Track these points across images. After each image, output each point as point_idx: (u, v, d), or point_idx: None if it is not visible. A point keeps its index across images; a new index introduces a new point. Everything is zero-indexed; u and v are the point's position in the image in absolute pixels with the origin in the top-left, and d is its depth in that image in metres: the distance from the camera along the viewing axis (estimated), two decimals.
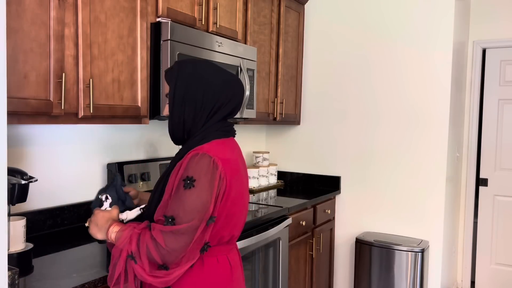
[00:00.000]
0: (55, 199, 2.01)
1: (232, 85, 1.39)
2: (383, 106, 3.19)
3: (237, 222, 1.39)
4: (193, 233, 1.21)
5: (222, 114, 1.37)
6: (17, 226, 1.59)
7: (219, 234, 1.33)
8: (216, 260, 1.35)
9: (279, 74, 3.12)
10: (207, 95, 1.34)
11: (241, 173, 1.40)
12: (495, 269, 3.76)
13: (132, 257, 1.21)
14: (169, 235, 1.20)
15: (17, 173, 1.54)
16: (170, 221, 1.22)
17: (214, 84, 1.35)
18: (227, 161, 1.31)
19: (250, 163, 3.46)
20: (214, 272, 1.34)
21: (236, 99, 1.40)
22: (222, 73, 1.40)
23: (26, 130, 1.88)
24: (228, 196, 1.31)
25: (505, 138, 3.70)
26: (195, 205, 1.22)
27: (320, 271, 3.18)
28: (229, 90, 1.37)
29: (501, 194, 3.72)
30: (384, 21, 3.17)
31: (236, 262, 1.43)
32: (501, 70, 3.71)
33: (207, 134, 1.34)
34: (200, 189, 1.23)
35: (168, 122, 1.39)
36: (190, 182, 1.23)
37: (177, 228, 1.20)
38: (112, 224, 1.33)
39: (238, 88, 1.41)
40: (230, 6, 2.52)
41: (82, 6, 1.67)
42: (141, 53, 1.95)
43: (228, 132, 1.42)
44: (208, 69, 1.38)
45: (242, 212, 1.41)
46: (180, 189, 1.24)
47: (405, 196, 3.14)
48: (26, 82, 1.50)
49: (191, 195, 1.22)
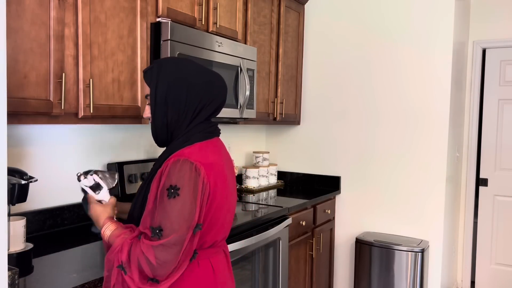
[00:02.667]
0: (55, 199, 2.01)
1: (215, 84, 1.36)
2: (383, 106, 3.19)
3: (220, 227, 1.36)
4: (182, 243, 1.19)
5: (206, 114, 1.34)
6: (17, 226, 1.59)
7: (202, 239, 1.30)
8: (197, 264, 1.31)
9: (279, 74, 3.12)
10: (190, 96, 1.30)
11: (226, 175, 1.35)
12: (495, 269, 3.76)
13: (122, 268, 1.20)
14: (159, 249, 1.17)
15: (17, 173, 1.54)
16: (158, 232, 1.19)
17: (197, 84, 1.31)
18: (210, 165, 1.27)
19: (250, 163, 3.46)
20: (195, 277, 1.30)
21: (219, 98, 1.37)
22: (204, 72, 1.36)
23: (26, 130, 1.88)
24: (212, 201, 1.28)
25: (505, 138, 3.70)
26: (181, 214, 1.19)
27: (320, 271, 3.18)
28: (212, 89, 1.34)
29: (501, 194, 3.72)
30: (384, 21, 3.17)
31: (220, 265, 1.39)
32: (501, 70, 3.71)
33: (190, 136, 1.31)
34: (184, 198, 1.20)
35: (151, 124, 1.36)
36: (174, 191, 1.20)
37: (166, 241, 1.17)
38: (107, 220, 1.35)
39: (221, 88, 1.38)
40: (230, 6, 2.52)
41: (82, 6, 1.67)
42: (141, 53, 1.95)
43: (211, 133, 1.37)
44: (190, 68, 1.34)
45: (226, 216, 1.37)
46: (164, 198, 1.20)
47: (405, 196, 3.14)
48: (26, 82, 1.50)
49: (176, 205, 1.19)
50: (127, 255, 1.20)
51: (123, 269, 1.20)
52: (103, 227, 1.33)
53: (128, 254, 1.20)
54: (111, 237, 1.29)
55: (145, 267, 1.18)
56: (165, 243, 1.17)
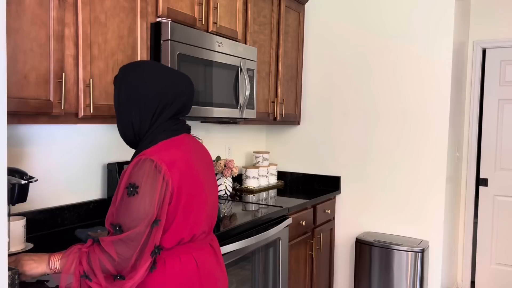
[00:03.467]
0: (55, 199, 2.01)
1: (176, 84, 1.39)
2: (383, 106, 3.19)
3: (197, 221, 1.37)
4: (140, 238, 1.22)
5: (169, 114, 1.37)
6: (17, 226, 1.59)
7: (178, 235, 1.32)
8: (178, 260, 1.33)
9: (279, 74, 3.12)
10: (150, 96, 1.34)
11: (195, 170, 1.37)
12: (495, 269, 3.76)
13: (86, 276, 1.22)
14: (119, 244, 1.22)
15: (17, 173, 1.55)
16: (118, 229, 1.24)
17: (157, 84, 1.35)
18: (173, 161, 1.29)
19: (250, 163, 3.46)
20: (177, 272, 1.32)
21: (181, 98, 1.39)
22: (166, 73, 1.39)
23: (26, 130, 1.88)
24: (179, 196, 1.29)
25: (505, 138, 3.70)
26: (139, 211, 1.23)
27: (320, 271, 3.18)
28: (173, 89, 1.37)
29: (501, 194, 3.72)
30: (384, 21, 3.17)
31: (205, 259, 1.41)
32: (501, 70, 3.71)
33: (154, 135, 1.35)
34: (143, 195, 1.23)
35: (117, 126, 1.41)
36: (133, 189, 1.24)
37: (124, 236, 1.22)
38: (49, 255, 1.31)
39: (183, 87, 1.41)
40: (230, 6, 2.52)
41: (82, 6, 1.67)
42: (141, 53, 1.95)
43: (177, 131, 1.40)
44: (151, 70, 1.38)
45: (201, 210, 1.38)
46: (125, 197, 1.25)
47: (405, 196, 3.14)
48: (26, 82, 1.50)
49: (135, 202, 1.23)
50: (87, 263, 1.22)
51: (87, 277, 1.22)
52: (50, 264, 1.30)
53: (87, 262, 1.22)
54: (62, 259, 1.28)
55: (108, 264, 1.21)
56: (124, 238, 1.22)
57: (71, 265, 1.24)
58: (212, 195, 1.46)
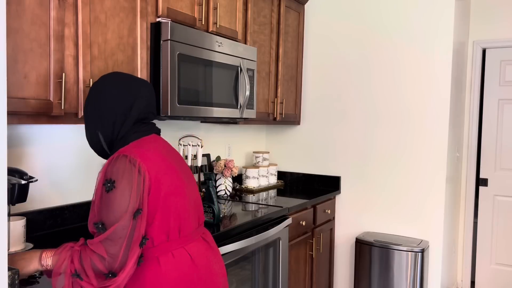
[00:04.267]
0: (55, 199, 2.01)
1: (130, 91, 1.41)
2: (383, 106, 3.19)
3: (181, 214, 1.37)
4: (125, 231, 1.23)
5: (132, 119, 1.39)
6: (17, 226, 1.59)
7: (164, 228, 1.33)
8: (171, 255, 1.34)
9: (279, 74, 3.12)
10: (106, 107, 1.38)
11: (171, 165, 1.39)
12: (495, 269, 3.76)
13: (77, 275, 1.22)
14: (107, 242, 1.22)
15: (17, 173, 1.55)
16: (101, 227, 1.24)
17: (110, 95, 1.39)
18: (146, 155, 1.32)
19: (250, 163, 3.46)
20: (172, 268, 1.32)
21: (140, 102, 1.41)
22: (119, 82, 1.42)
23: (26, 130, 1.88)
24: (157, 188, 1.30)
25: (505, 138, 3.70)
26: (120, 205, 1.24)
27: (320, 271, 3.18)
28: (126, 96, 1.40)
29: (501, 194, 3.72)
30: (384, 21, 3.17)
31: (198, 251, 1.41)
32: (501, 70, 3.71)
33: (124, 140, 1.38)
34: (121, 188, 1.25)
35: (87, 140, 1.45)
36: (110, 184, 1.25)
37: (110, 233, 1.22)
38: (41, 252, 1.31)
39: (137, 92, 1.42)
40: (230, 6, 2.52)
41: (82, 6, 1.67)
42: (141, 53, 1.95)
43: (146, 131, 1.43)
44: (106, 82, 1.42)
45: (183, 203, 1.39)
46: (104, 194, 1.26)
47: (405, 196, 3.14)
48: (26, 82, 1.50)
49: (114, 197, 1.24)
50: (78, 262, 1.22)
51: (78, 276, 1.22)
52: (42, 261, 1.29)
53: (79, 260, 1.23)
54: (54, 256, 1.28)
55: (99, 264, 1.21)
56: (109, 236, 1.22)
57: (62, 263, 1.24)
58: (193, 191, 1.47)
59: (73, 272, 1.22)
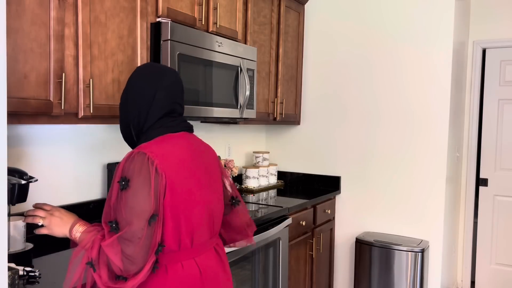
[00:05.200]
0: (55, 199, 2.01)
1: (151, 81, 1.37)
2: (383, 106, 3.19)
3: (195, 222, 1.30)
4: (139, 236, 1.17)
5: (156, 111, 1.35)
6: (17, 226, 1.59)
7: (176, 237, 1.26)
8: (180, 266, 1.28)
9: (279, 74, 3.12)
10: (131, 99, 1.37)
11: (190, 169, 1.32)
12: (495, 269, 3.76)
13: (91, 265, 1.18)
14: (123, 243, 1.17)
15: (17, 173, 1.55)
16: (114, 226, 1.19)
17: (134, 86, 1.37)
18: (166, 156, 1.25)
19: (250, 163, 3.46)
20: (179, 279, 1.27)
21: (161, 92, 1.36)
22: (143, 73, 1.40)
23: (26, 130, 1.88)
24: (172, 192, 1.23)
25: (505, 138, 3.70)
26: (133, 206, 1.18)
27: (320, 271, 3.18)
28: (148, 87, 1.36)
29: (501, 194, 3.72)
30: (384, 22, 3.17)
31: (208, 264, 1.35)
32: (501, 70, 3.71)
33: (149, 134, 1.34)
34: (135, 188, 1.19)
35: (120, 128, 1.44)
36: (125, 183, 1.20)
37: (122, 233, 1.17)
38: (77, 221, 1.31)
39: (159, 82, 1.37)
40: (230, 6, 2.52)
41: (82, 6, 1.67)
42: (141, 53, 1.95)
43: (173, 127, 1.37)
44: (133, 74, 1.41)
45: (199, 211, 1.32)
46: (118, 191, 1.21)
47: (405, 196, 3.14)
48: (26, 82, 1.50)
49: (128, 196, 1.19)
50: (97, 252, 1.18)
51: (92, 266, 1.18)
52: (73, 231, 1.30)
53: (98, 250, 1.18)
54: (83, 233, 1.28)
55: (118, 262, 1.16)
56: (123, 235, 1.17)
57: (85, 245, 1.21)
58: (212, 197, 1.40)
59: (89, 260, 1.19)
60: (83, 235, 1.27)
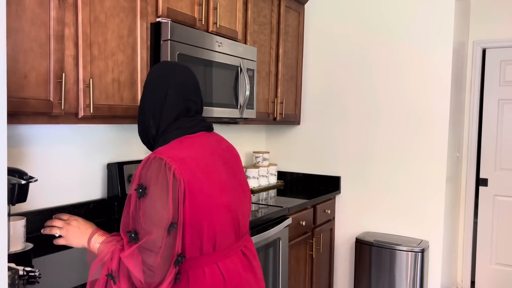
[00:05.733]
0: (55, 199, 2.01)
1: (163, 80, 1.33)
2: (383, 106, 3.19)
3: (217, 227, 1.24)
4: (159, 244, 1.11)
5: (169, 111, 1.31)
6: (17, 226, 1.59)
7: (197, 243, 1.21)
8: (202, 272, 1.22)
9: (279, 74, 3.12)
10: (146, 100, 1.35)
11: (210, 171, 1.25)
12: (495, 269, 3.76)
13: (111, 277, 1.14)
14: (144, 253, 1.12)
15: (17, 173, 1.55)
16: (133, 236, 1.15)
17: (148, 87, 1.36)
18: (184, 160, 1.19)
19: (250, 163, 3.46)
20: (201, 286, 1.21)
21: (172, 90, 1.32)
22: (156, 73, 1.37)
23: (26, 130, 1.88)
24: (191, 197, 1.17)
25: (505, 138, 3.70)
26: (152, 214, 1.13)
27: (320, 271, 3.18)
28: (160, 86, 1.32)
29: (501, 194, 3.72)
30: (384, 21, 3.17)
31: (233, 269, 1.28)
32: (501, 70, 3.71)
33: (166, 136, 1.30)
34: (152, 196, 1.14)
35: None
36: (142, 190, 1.15)
37: (142, 243, 1.12)
38: (95, 231, 1.27)
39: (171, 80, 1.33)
40: (230, 6, 2.52)
41: (82, 6, 1.67)
42: (141, 53, 1.95)
43: (191, 128, 1.32)
44: (149, 74, 1.39)
45: (222, 215, 1.25)
46: (136, 199, 1.16)
47: (405, 196, 3.14)
48: (26, 82, 1.50)
49: (145, 205, 1.14)
50: (117, 263, 1.14)
51: (112, 278, 1.14)
52: (91, 242, 1.27)
53: (118, 262, 1.14)
54: (102, 243, 1.25)
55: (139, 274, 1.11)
56: (143, 245, 1.12)
57: (104, 256, 1.18)
58: (236, 198, 1.33)
59: (109, 271, 1.15)
60: (101, 246, 1.23)
